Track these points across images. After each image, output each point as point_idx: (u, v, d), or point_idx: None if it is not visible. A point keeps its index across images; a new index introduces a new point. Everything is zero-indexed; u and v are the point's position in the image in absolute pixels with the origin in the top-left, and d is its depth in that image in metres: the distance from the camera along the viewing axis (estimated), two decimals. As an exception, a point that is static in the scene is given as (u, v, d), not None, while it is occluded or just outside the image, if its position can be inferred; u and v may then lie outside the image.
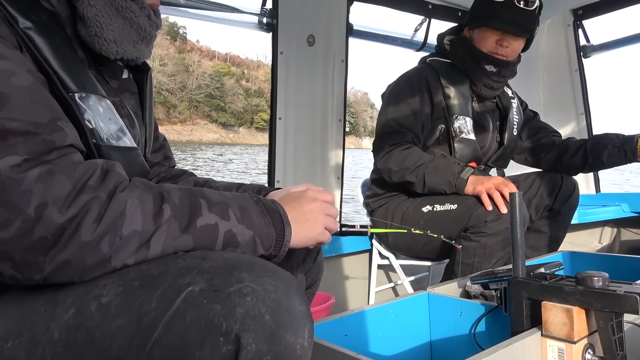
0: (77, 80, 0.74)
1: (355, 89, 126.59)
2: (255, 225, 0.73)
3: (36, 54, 0.70)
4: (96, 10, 0.77)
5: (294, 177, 2.32)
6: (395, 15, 3.09)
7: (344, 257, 2.34)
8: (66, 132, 0.64)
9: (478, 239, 1.65)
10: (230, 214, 0.71)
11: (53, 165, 0.60)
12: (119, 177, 0.65)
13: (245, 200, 0.75)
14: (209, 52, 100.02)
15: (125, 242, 0.61)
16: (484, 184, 1.67)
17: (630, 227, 3.00)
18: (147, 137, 0.97)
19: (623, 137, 1.88)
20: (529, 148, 2.10)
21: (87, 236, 0.59)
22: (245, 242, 0.72)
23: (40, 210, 0.57)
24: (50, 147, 0.61)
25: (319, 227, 0.83)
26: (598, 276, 0.90)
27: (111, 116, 0.79)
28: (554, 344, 0.91)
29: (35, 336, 0.60)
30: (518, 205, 1.00)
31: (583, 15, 2.99)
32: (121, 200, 0.62)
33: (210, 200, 0.71)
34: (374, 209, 2.01)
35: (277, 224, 0.76)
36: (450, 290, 1.29)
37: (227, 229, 0.70)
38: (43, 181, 0.58)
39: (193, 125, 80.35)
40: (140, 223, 0.62)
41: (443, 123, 1.89)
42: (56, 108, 0.66)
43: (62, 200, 0.58)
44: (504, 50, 1.84)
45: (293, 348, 0.57)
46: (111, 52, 0.81)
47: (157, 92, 76.25)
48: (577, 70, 3.07)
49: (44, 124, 0.62)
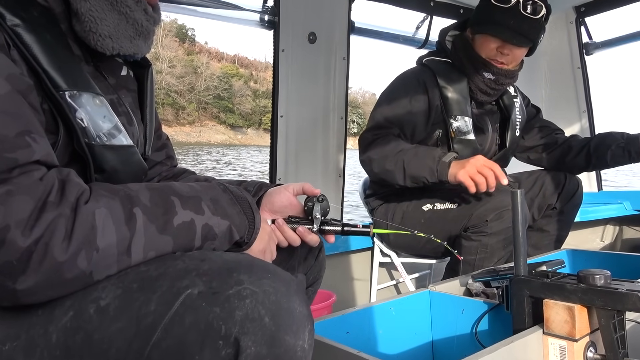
0: (68, 78, 0.72)
1: (363, 89, 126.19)
2: (230, 214, 0.74)
3: (25, 52, 0.68)
4: (90, 5, 0.76)
5: (296, 175, 2.31)
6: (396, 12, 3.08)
7: (345, 255, 2.34)
8: (33, 147, 0.60)
9: (479, 239, 1.64)
10: (204, 207, 0.71)
11: (12, 185, 0.56)
12: (79, 188, 0.61)
13: (214, 191, 0.75)
14: (217, 54, 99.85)
15: (103, 255, 0.59)
16: (465, 167, 1.57)
17: (633, 225, 3.00)
18: (147, 134, 0.96)
19: (627, 136, 1.85)
20: (532, 147, 2.07)
21: (60, 256, 0.56)
22: (222, 232, 0.72)
23: (3, 234, 0.54)
24: (11, 164, 0.57)
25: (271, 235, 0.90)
26: (600, 274, 0.90)
27: (105, 114, 0.77)
28: (556, 342, 0.91)
29: (33, 339, 0.59)
30: (520, 203, 1.00)
31: (585, 13, 2.98)
32: (88, 212, 0.59)
33: (181, 196, 0.70)
34: (374, 207, 2.00)
35: (247, 211, 0.77)
36: (451, 288, 1.29)
37: (203, 223, 0.69)
38: (2, 203, 0.55)
39: (201, 127, 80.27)
40: (114, 232, 0.60)
41: (441, 127, 1.83)
42: (29, 120, 0.63)
43: (24, 222, 0.55)
44: (504, 57, 1.76)
45: (293, 350, 0.56)
46: (107, 48, 0.79)
47: (166, 93, 76.08)
48: (579, 68, 3.06)
49: (10, 137, 0.58)
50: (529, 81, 3.04)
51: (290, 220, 0.95)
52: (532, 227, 1.94)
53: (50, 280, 0.57)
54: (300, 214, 0.97)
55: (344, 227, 0.96)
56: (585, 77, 3.07)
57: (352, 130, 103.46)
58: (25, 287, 0.56)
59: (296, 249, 0.98)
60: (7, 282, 0.56)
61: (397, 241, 1.99)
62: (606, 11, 2.89)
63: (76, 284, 0.59)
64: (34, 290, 0.57)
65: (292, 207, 0.98)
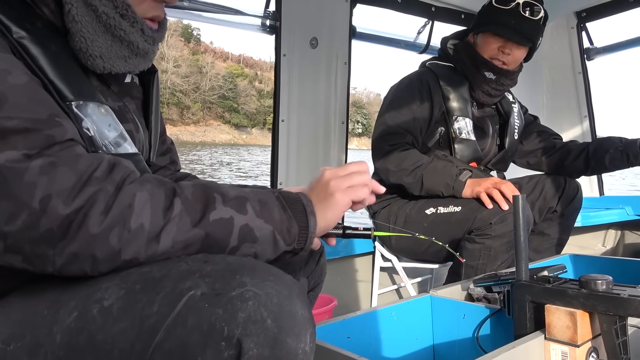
0: (74, 89, 0.73)
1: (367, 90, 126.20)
2: (276, 219, 0.71)
3: (31, 64, 0.69)
4: (81, 26, 0.75)
5: (297, 180, 2.31)
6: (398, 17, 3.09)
7: (346, 259, 2.34)
8: (65, 127, 0.64)
9: (482, 241, 1.64)
10: (248, 208, 0.69)
11: (55, 157, 0.60)
12: (126, 170, 0.64)
13: (265, 195, 0.73)
14: (222, 54, 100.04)
15: (133, 236, 0.61)
16: (481, 185, 1.68)
17: (634, 230, 2.99)
18: (152, 141, 0.96)
19: (626, 140, 1.88)
20: (531, 151, 2.11)
21: (94, 228, 0.59)
22: (265, 236, 0.70)
23: (45, 203, 0.57)
24: (50, 141, 0.61)
25: (343, 207, 0.81)
26: (602, 279, 0.89)
27: (111, 122, 0.78)
28: (558, 348, 0.91)
29: (37, 339, 0.60)
30: (521, 208, 1.00)
31: (586, 18, 2.99)
32: (129, 192, 0.61)
33: (225, 194, 0.69)
34: (376, 211, 2.01)
35: (299, 216, 0.74)
36: (453, 293, 1.29)
37: (243, 223, 0.68)
38: (46, 173, 0.58)
39: (206, 127, 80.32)
40: (149, 216, 0.62)
41: (443, 126, 1.89)
42: (54, 105, 0.66)
43: (67, 192, 0.58)
44: (505, 57, 1.84)
45: (295, 353, 0.56)
46: (97, 67, 0.79)
47: (171, 93, 76.22)
48: (580, 73, 3.06)
49: (43, 120, 0.62)
50: (531, 86, 3.05)
51: None
52: (533, 230, 1.94)
53: (84, 252, 0.59)
54: None
55: (345, 230, 0.96)
56: (586, 82, 3.07)
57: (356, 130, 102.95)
58: (64, 256, 0.58)
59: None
60: (48, 250, 0.58)
61: (398, 245, 2.00)
62: (607, 17, 2.90)
63: (106, 260, 0.60)
64: (71, 260, 0.59)
65: None
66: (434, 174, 1.75)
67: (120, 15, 0.78)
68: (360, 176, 0.84)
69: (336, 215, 0.81)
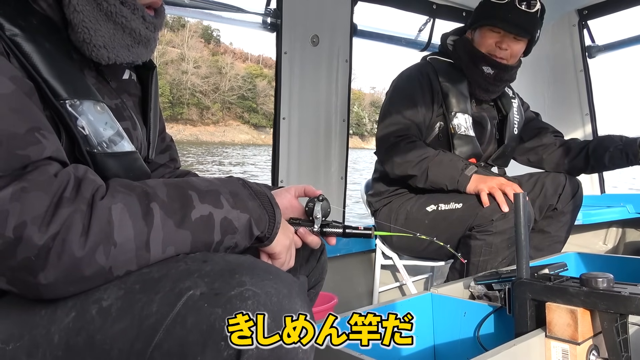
0: (68, 87, 0.72)
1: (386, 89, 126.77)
2: (250, 208, 0.73)
3: (24, 62, 0.68)
4: (83, 16, 0.74)
5: (298, 177, 2.31)
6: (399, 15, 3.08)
7: (347, 257, 2.34)
8: (44, 144, 0.61)
9: (484, 238, 1.64)
10: (223, 201, 0.70)
11: (27, 182, 0.57)
12: (94, 184, 0.62)
13: (233, 185, 0.74)
14: (242, 54, 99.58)
15: (121, 250, 0.59)
16: (486, 183, 1.67)
17: (635, 228, 2.99)
18: (150, 138, 0.95)
19: (626, 139, 1.88)
20: (531, 148, 2.10)
21: (78, 251, 0.57)
22: (242, 226, 0.71)
23: (19, 231, 0.55)
24: (25, 161, 0.58)
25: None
26: (603, 277, 0.89)
27: (107, 120, 0.76)
28: (558, 345, 0.91)
29: (35, 339, 0.59)
30: (522, 206, 1.00)
31: (588, 16, 2.98)
32: (103, 208, 0.60)
33: (199, 190, 0.69)
34: (377, 208, 2.01)
35: (267, 206, 0.76)
36: (453, 290, 1.29)
37: (222, 217, 0.69)
38: (18, 199, 0.55)
39: (225, 127, 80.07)
40: (131, 227, 0.60)
41: (442, 120, 1.90)
42: (37, 117, 0.63)
43: (40, 218, 0.56)
44: (502, 52, 1.84)
45: (295, 351, 0.56)
46: (102, 58, 0.78)
47: (191, 93, 76.00)
48: (582, 71, 3.06)
49: (20, 134, 0.59)
50: (532, 84, 3.05)
51: (292, 222, 0.95)
52: (534, 228, 1.94)
53: (70, 276, 0.58)
54: (301, 216, 0.97)
55: (345, 229, 0.95)
56: (588, 80, 3.06)
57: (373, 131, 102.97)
58: (46, 283, 0.57)
59: (298, 251, 0.98)
60: (28, 278, 0.57)
61: (399, 243, 2.00)
62: (609, 14, 2.89)
63: (96, 279, 0.59)
64: (55, 285, 0.58)
65: (293, 209, 0.97)
66: (440, 167, 1.74)
67: (120, 2, 0.77)
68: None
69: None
